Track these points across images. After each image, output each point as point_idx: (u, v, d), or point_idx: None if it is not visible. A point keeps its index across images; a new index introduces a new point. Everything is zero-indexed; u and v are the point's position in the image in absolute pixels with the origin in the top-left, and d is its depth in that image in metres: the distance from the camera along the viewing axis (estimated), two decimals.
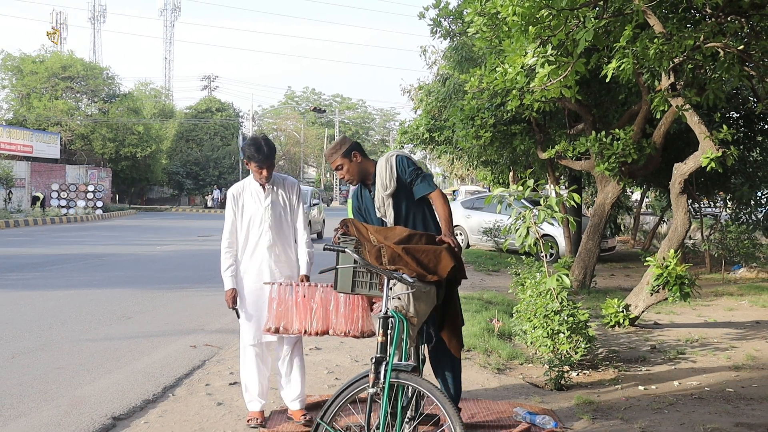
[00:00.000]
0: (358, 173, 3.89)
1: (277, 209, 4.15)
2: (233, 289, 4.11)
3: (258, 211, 4.13)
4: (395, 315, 3.13)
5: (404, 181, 3.79)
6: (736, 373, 5.69)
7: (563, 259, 6.86)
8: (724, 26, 6.10)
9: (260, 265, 4.10)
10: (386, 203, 3.81)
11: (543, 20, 5.51)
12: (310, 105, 63.04)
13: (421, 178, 3.79)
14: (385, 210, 3.83)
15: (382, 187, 3.81)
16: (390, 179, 3.78)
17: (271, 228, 4.11)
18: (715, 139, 6.53)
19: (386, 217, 3.83)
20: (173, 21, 64.19)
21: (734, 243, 12.07)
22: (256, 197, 4.16)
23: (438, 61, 22.34)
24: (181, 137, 47.17)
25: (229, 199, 4.21)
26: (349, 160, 3.86)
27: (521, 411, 4.28)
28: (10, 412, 4.35)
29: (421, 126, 15.67)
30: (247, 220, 4.14)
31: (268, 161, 4.05)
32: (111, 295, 9.00)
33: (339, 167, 3.88)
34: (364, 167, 3.90)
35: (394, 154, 3.88)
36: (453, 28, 11.72)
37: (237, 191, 4.21)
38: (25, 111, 36.39)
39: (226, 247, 4.16)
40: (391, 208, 3.81)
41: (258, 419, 4.16)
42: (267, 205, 4.13)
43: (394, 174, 3.78)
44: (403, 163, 3.81)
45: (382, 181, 3.81)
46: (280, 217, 4.16)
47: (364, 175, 3.92)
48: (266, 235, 4.11)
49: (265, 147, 4.04)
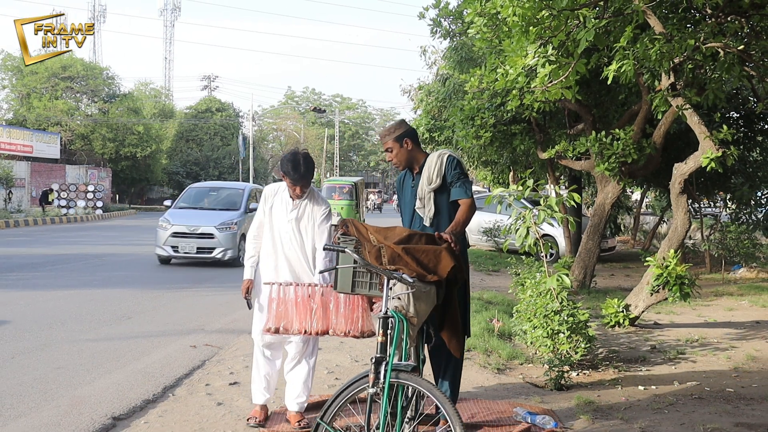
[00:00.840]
0: (406, 159, 3.96)
1: (298, 225, 4.14)
2: (250, 279, 4.16)
3: (282, 220, 4.15)
4: (395, 315, 3.13)
5: (447, 181, 3.87)
6: (736, 373, 5.70)
7: (563, 259, 6.87)
8: (724, 26, 6.10)
9: (276, 268, 4.12)
10: (428, 197, 3.89)
11: (543, 21, 5.52)
12: (310, 105, 63.04)
13: (461, 182, 3.87)
14: (425, 203, 3.90)
15: (427, 181, 3.89)
16: (438, 175, 3.86)
17: (290, 240, 4.12)
18: (715, 139, 6.53)
19: (425, 211, 3.90)
20: (173, 21, 64.28)
21: (734, 243, 12.08)
22: (284, 207, 4.16)
23: (438, 61, 22.34)
24: (181, 137, 47.17)
25: (262, 197, 4.26)
26: (399, 145, 3.92)
27: (521, 411, 4.28)
28: (10, 412, 4.35)
29: (421, 126, 15.68)
30: (273, 223, 4.18)
31: (303, 180, 4.01)
32: (111, 295, 9.00)
33: (389, 150, 3.96)
34: (413, 155, 3.97)
35: (447, 152, 3.96)
36: (453, 28, 11.73)
37: (270, 192, 4.23)
38: (25, 111, 36.40)
39: (251, 238, 4.23)
40: (432, 203, 3.89)
41: (257, 418, 4.16)
42: (291, 218, 4.14)
43: (443, 171, 3.87)
44: (453, 164, 3.88)
45: (429, 174, 3.89)
46: (302, 233, 4.14)
47: (411, 163, 3.99)
48: (286, 244, 4.13)
49: (302, 166, 3.98)
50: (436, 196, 3.89)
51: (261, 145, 52.31)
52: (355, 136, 72.47)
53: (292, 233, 4.12)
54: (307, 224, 4.15)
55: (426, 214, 3.90)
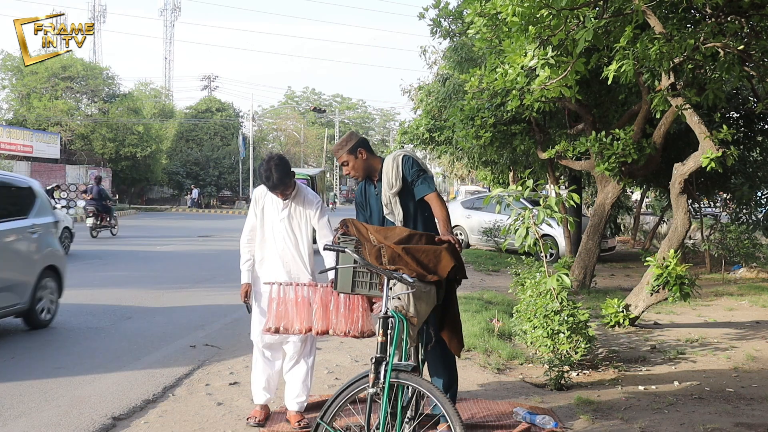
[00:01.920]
0: (363, 170, 3.92)
1: (291, 223, 4.17)
2: (248, 283, 4.17)
3: (275, 220, 4.18)
4: (395, 315, 3.13)
5: (408, 181, 3.82)
6: (736, 373, 5.70)
7: (563, 259, 6.87)
8: (724, 26, 6.10)
9: (273, 269, 4.13)
10: (393, 201, 3.85)
11: (543, 20, 5.51)
12: (310, 105, 62.97)
13: (422, 179, 3.82)
14: (392, 208, 3.86)
15: (388, 186, 3.84)
16: (396, 178, 3.82)
17: (284, 239, 4.14)
18: (715, 139, 6.53)
19: (395, 215, 3.86)
20: (173, 21, 64.16)
21: (734, 243, 12.07)
22: (275, 207, 4.20)
23: (438, 62, 22.33)
24: (181, 137, 47.14)
25: (252, 200, 4.28)
26: (354, 157, 3.88)
27: (521, 411, 4.28)
28: (10, 412, 4.35)
29: (421, 126, 15.67)
30: (265, 223, 4.20)
31: (280, 186, 4.03)
32: (111, 295, 9.00)
33: (345, 163, 3.91)
34: (370, 164, 3.93)
35: (401, 153, 3.90)
36: (453, 28, 11.73)
37: (260, 194, 4.25)
38: (25, 111, 36.38)
39: (245, 242, 4.23)
40: (399, 206, 3.84)
41: (257, 418, 4.17)
42: (283, 217, 4.17)
43: (400, 173, 3.82)
44: (408, 163, 3.84)
45: (388, 179, 3.84)
46: (295, 231, 4.17)
47: (370, 171, 3.94)
48: (280, 244, 4.15)
49: (274, 174, 3.97)
50: (401, 198, 3.84)
51: (261, 145, 52.23)
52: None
53: (286, 233, 4.14)
54: (300, 221, 4.18)
55: (396, 218, 3.86)
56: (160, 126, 44.58)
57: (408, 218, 3.85)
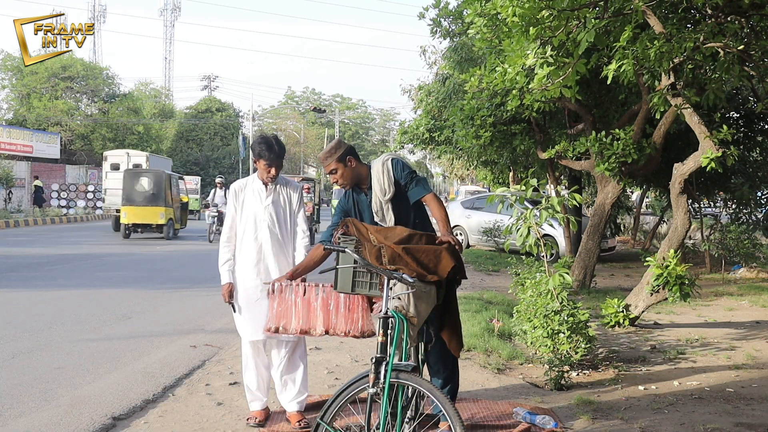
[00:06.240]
0: (351, 178, 3.85)
1: (277, 209, 4.16)
2: (230, 283, 4.14)
3: (258, 209, 4.14)
4: (395, 315, 3.13)
5: (401, 186, 3.79)
6: (736, 373, 5.69)
7: (563, 259, 6.87)
8: (724, 26, 6.09)
9: (257, 264, 4.11)
10: (385, 208, 3.79)
11: (543, 21, 5.51)
12: (310, 105, 62.97)
13: (416, 182, 3.79)
14: (383, 214, 3.80)
15: (380, 192, 3.78)
16: (389, 184, 3.76)
17: (269, 228, 4.12)
18: (715, 139, 6.53)
19: (386, 222, 3.81)
20: (173, 21, 64.22)
21: (734, 243, 12.06)
22: (257, 195, 4.17)
23: (438, 61, 22.33)
24: (181, 137, 47.16)
25: (230, 195, 4.23)
26: (343, 165, 3.81)
27: (521, 411, 4.28)
28: (10, 412, 4.35)
29: (421, 126, 15.66)
30: (246, 216, 4.16)
31: (278, 160, 4.10)
32: (111, 295, 9.00)
33: (333, 171, 3.83)
34: (358, 172, 3.87)
35: (389, 157, 3.86)
36: (453, 28, 11.74)
37: (239, 187, 4.24)
38: (25, 111, 36.38)
39: (224, 242, 4.19)
40: (390, 212, 3.79)
41: (257, 418, 4.17)
42: (267, 204, 4.15)
43: (392, 178, 3.76)
44: (399, 167, 3.80)
45: (380, 186, 3.78)
46: (280, 218, 4.17)
47: (359, 179, 3.88)
48: (264, 234, 4.12)
49: (276, 146, 4.09)
50: (394, 203, 3.78)
51: None
52: (355, 136, 72.39)
53: (270, 220, 4.12)
54: (286, 206, 4.19)
55: (388, 224, 3.80)
56: (160, 126, 44.60)
57: (400, 222, 3.80)
